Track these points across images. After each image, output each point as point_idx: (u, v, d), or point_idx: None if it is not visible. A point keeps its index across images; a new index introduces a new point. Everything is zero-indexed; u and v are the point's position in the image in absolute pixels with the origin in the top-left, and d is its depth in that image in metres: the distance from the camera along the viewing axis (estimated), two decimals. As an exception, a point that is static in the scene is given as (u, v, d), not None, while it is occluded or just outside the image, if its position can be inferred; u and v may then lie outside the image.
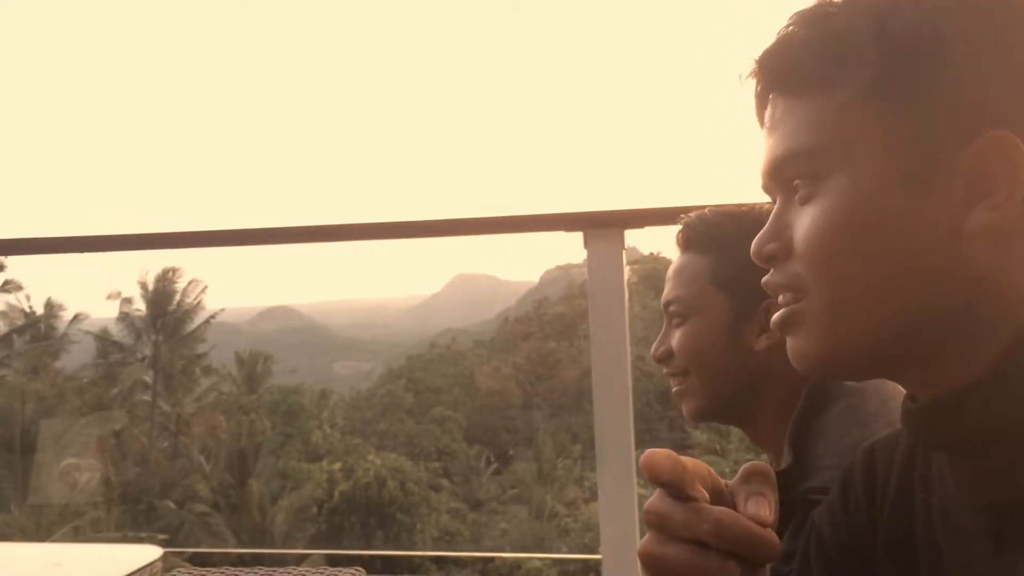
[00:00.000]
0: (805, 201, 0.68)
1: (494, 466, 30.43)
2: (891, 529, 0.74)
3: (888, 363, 0.68)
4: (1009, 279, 0.63)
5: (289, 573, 2.08)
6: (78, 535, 22.52)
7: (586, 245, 1.76)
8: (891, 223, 0.64)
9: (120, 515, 24.73)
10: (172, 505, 25.08)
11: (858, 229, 0.64)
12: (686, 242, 1.22)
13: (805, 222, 0.67)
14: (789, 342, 0.70)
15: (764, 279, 0.73)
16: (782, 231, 0.70)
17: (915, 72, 0.63)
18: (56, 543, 16.39)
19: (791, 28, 0.69)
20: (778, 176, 0.71)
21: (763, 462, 0.62)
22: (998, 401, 0.61)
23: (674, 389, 1.23)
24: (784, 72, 0.69)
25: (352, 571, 2.03)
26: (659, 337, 1.23)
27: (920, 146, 0.63)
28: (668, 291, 1.22)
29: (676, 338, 1.20)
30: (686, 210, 1.27)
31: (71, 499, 23.62)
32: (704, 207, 1.25)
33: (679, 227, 1.24)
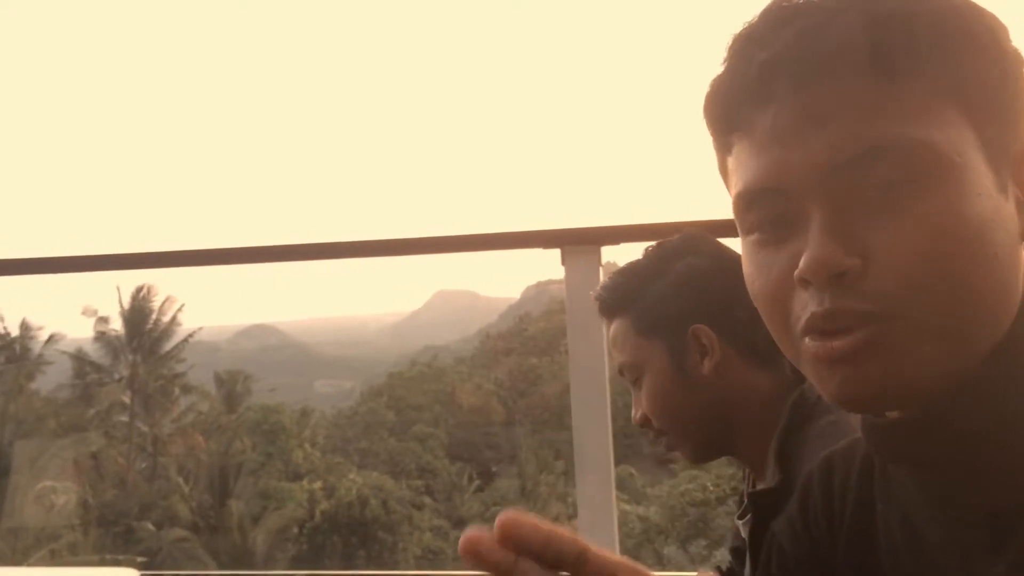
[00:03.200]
0: (889, 204, 0.58)
1: (477, 483, 30.30)
2: (851, 541, 0.73)
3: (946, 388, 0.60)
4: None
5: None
6: (55, 559, 22.20)
7: (564, 262, 1.77)
8: (990, 234, 0.58)
9: (98, 538, 24.39)
10: (151, 527, 24.77)
11: (970, 239, 0.57)
12: (606, 312, 1.27)
13: (903, 227, 0.58)
14: (847, 374, 0.59)
15: (827, 308, 0.59)
16: (855, 242, 0.59)
17: (983, 70, 0.60)
18: (31, 567, 16.13)
19: (824, 10, 0.60)
20: (841, 175, 0.59)
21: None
22: (966, 417, 0.60)
23: (664, 446, 1.26)
24: (839, 55, 0.59)
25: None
26: (633, 403, 1.25)
27: (998, 153, 0.60)
28: (616, 361, 1.27)
29: (643, 400, 1.23)
30: (663, 226, 1.30)
31: (47, 522, 23.29)
32: (680, 223, 1.29)
33: (601, 293, 1.28)
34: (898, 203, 0.58)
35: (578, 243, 1.76)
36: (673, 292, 1.19)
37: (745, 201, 0.64)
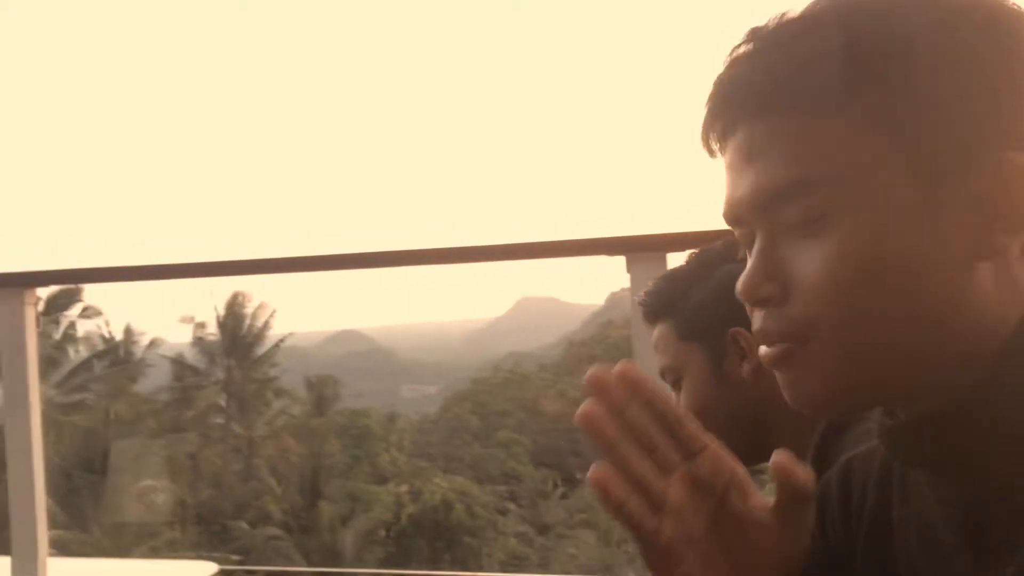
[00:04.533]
0: (808, 235, 0.62)
1: (561, 490, 30.20)
2: (868, 546, 0.74)
3: (887, 398, 0.66)
4: (991, 300, 0.63)
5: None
6: (154, 555, 23.03)
7: (628, 269, 1.80)
8: (913, 258, 0.61)
9: (195, 536, 25.24)
10: (245, 526, 25.51)
11: (882, 265, 0.61)
12: (650, 317, 1.31)
13: (815, 259, 0.62)
14: (783, 379, 0.67)
15: (757, 327, 0.67)
16: (778, 272, 0.64)
17: (921, 95, 0.60)
18: (116, 559, 16.84)
19: (763, 48, 0.64)
20: (767, 209, 0.64)
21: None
22: (980, 421, 0.61)
23: None
24: (771, 93, 0.63)
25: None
26: None
27: (935, 173, 0.60)
28: (658, 364, 1.30)
29: (682, 403, 1.26)
30: (728, 233, 1.32)
31: (148, 519, 24.20)
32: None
33: (644, 299, 1.32)
34: (814, 235, 0.62)
35: (643, 250, 1.79)
36: (713, 297, 1.22)
37: (726, 223, 0.71)
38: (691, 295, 1.26)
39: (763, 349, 0.68)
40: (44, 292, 2.31)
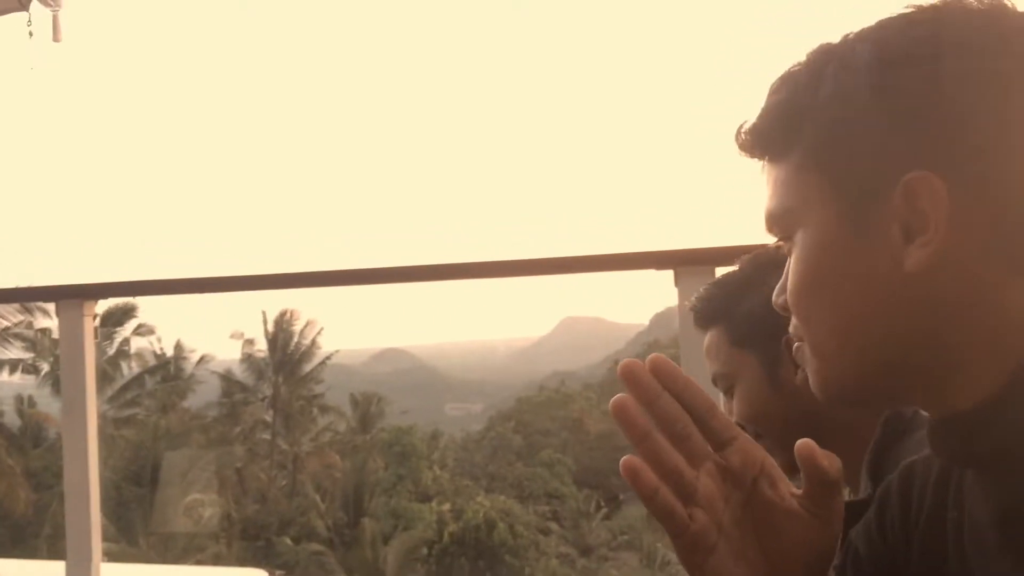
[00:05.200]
0: (789, 255, 0.75)
1: (604, 510, 29.98)
2: (925, 548, 0.75)
3: (886, 391, 0.74)
4: (978, 306, 0.65)
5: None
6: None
7: (677, 283, 1.80)
8: (844, 270, 0.70)
9: (240, 550, 25.51)
10: (289, 542, 25.71)
11: (818, 278, 0.72)
12: (701, 323, 1.31)
13: (790, 276, 0.75)
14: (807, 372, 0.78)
15: (790, 328, 0.79)
16: (785, 284, 0.77)
17: (844, 131, 0.69)
18: (168, 566, 17.09)
19: (766, 98, 0.76)
20: (771, 234, 0.79)
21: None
22: (1009, 420, 0.63)
23: None
24: (755, 141, 0.76)
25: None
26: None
27: (858, 197, 0.69)
28: (710, 370, 1.30)
29: (734, 409, 1.26)
30: (776, 246, 1.31)
31: (195, 532, 24.53)
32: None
33: (695, 304, 1.33)
34: (790, 252, 0.75)
35: (691, 264, 1.79)
36: (766, 304, 1.21)
37: None
38: (744, 302, 1.24)
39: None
40: (100, 308, 2.36)
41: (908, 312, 0.68)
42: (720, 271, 1.81)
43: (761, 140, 0.76)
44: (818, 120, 0.70)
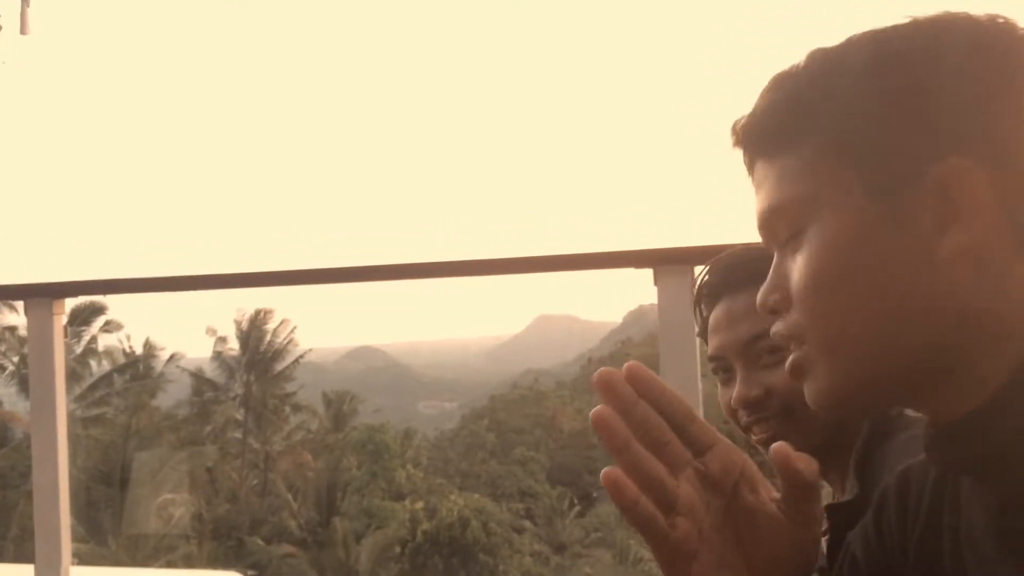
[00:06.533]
0: (794, 251, 0.70)
1: (577, 508, 30.07)
2: (921, 553, 0.74)
3: (893, 396, 0.71)
4: (996, 302, 0.64)
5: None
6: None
7: (656, 282, 1.79)
8: (871, 263, 0.66)
9: (211, 550, 25.29)
10: (261, 542, 25.53)
11: (840, 272, 0.67)
12: (736, 284, 1.19)
13: (796, 271, 0.70)
14: (804, 387, 0.72)
15: (771, 330, 0.74)
16: (782, 282, 0.72)
17: (868, 120, 0.67)
18: (139, 568, 16.90)
19: (760, 96, 0.73)
20: (767, 231, 0.74)
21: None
22: (1004, 426, 0.62)
23: (761, 438, 1.16)
24: (756, 137, 0.73)
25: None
26: (742, 381, 1.17)
27: (886, 187, 0.66)
28: (745, 332, 1.17)
29: (777, 377, 1.13)
30: (757, 246, 1.28)
31: (165, 533, 24.29)
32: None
33: (712, 275, 1.23)
34: (796, 248, 0.70)
35: (671, 263, 1.78)
36: None
37: None
38: None
39: (787, 365, 0.73)
40: (68, 305, 2.32)
41: (934, 309, 0.65)
42: (700, 271, 1.81)
43: (764, 134, 0.73)
44: (837, 111, 0.68)
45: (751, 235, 0.77)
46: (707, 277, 1.25)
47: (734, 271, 1.21)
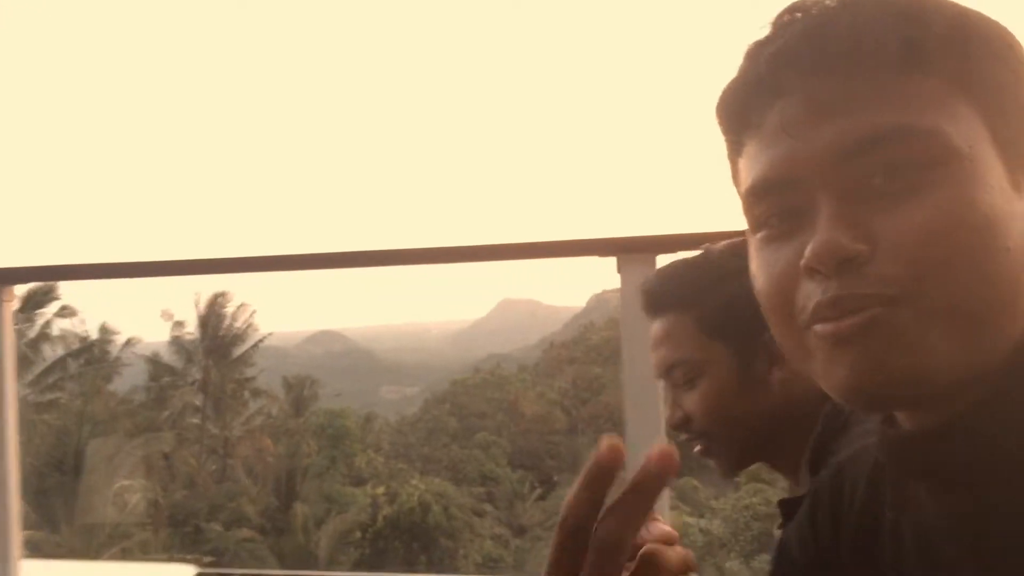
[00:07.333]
0: (899, 190, 0.58)
1: (538, 491, 30.24)
2: (856, 549, 0.72)
3: (935, 392, 0.59)
4: None
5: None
6: (126, 557, 22.82)
7: (619, 270, 1.78)
8: (1004, 225, 0.57)
9: (168, 537, 25.03)
10: (219, 528, 25.32)
11: (979, 227, 0.56)
12: (659, 306, 1.19)
13: (914, 215, 0.57)
14: (856, 358, 0.58)
15: (833, 294, 0.58)
16: (861, 228, 0.58)
17: (996, 72, 0.60)
18: (96, 562, 16.66)
19: (838, 8, 0.60)
20: (850, 162, 0.59)
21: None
22: (984, 434, 0.59)
23: (697, 450, 1.19)
24: (857, 46, 0.59)
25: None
26: (670, 404, 1.19)
27: (1011, 152, 0.59)
28: (665, 357, 1.18)
29: (692, 402, 1.17)
30: (720, 235, 1.26)
31: (121, 520, 23.97)
32: (736, 232, 1.23)
33: (643, 294, 1.21)
34: (906, 189, 0.57)
35: (634, 251, 1.77)
36: (748, 296, 1.12)
37: (754, 195, 0.64)
38: (724, 288, 1.13)
39: (831, 326, 0.58)
40: (20, 290, 2.25)
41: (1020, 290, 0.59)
42: (662, 259, 1.80)
43: (885, 45, 0.59)
44: (966, 46, 0.61)
45: (715, 224, 0.73)
46: (640, 293, 1.23)
47: (653, 295, 1.21)
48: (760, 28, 0.64)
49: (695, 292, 1.17)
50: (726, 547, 23.31)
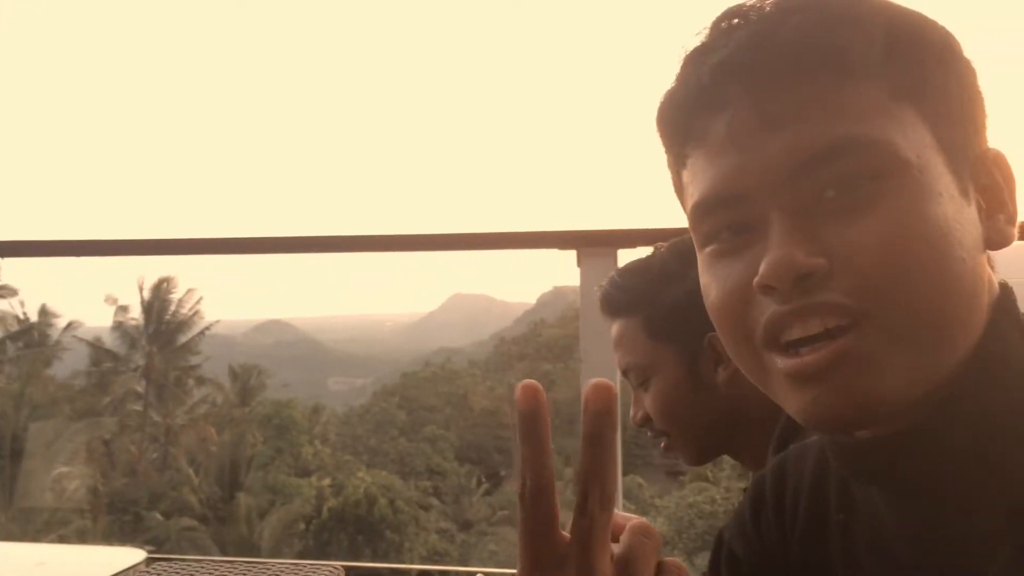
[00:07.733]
0: (853, 203, 0.56)
1: (485, 486, 30.28)
2: (804, 549, 0.72)
3: (899, 408, 0.58)
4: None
5: (268, 570, 2.07)
6: (64, 544, 22.35)
7: (579, 264, 1.77)
8: (955, 235, 0.56)
9: (107, 525, 24.56)
10: (159, 516, 24.92)
11: (933, 239, 0.55)
12: (613, 310, 1.24)
13: (868, 228, 0.55)
14: (817, 391, 0.57)
15: (796, 305, 0.57)
16: (817, 243, 0.56)
17: (940, 76, 0.59)
18: (41, 544, 16.26)
19: (781, 12, 0.59)
20: (800, 176, 0.57)
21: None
22: (940, 442, 0.59)
23: (662, 446, 1.25)
24: (804, 53, 0.57)
25: (330, 567, 2.02)
26: (632, 403, 1.25)
27: (958, 157, 0.59)
28: (620, 360, 1.25)
29: (648, 402, 1.22)
30: (680, 231, 1.27)
31: (59, 506, 23.49)
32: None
33: (601, 295, 1.26)
34: (859, 202, 0.56)
35: (594, 245, 1.76)
36: (690, 298, 1.10)
37: (702, 210, 0.62)
38: (665, 293, 1.19)
39: (796, 362, 0.57)
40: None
41: (980, 298, 0.60)
42: (623, 253, 1.79)
43: (833, 52, 0.58)
44: (909, 53, 0.61)
45: (676, 219, 0.70)
46: (599, 294, 1.27)
47: (606, 300, 1.26)
48: (696, 35, 0.62)
49: (641, 297, 1.21)
50: (670, 545, 23.58)
